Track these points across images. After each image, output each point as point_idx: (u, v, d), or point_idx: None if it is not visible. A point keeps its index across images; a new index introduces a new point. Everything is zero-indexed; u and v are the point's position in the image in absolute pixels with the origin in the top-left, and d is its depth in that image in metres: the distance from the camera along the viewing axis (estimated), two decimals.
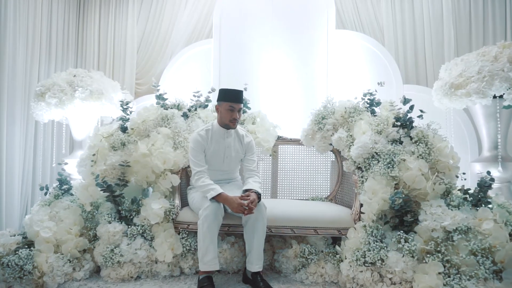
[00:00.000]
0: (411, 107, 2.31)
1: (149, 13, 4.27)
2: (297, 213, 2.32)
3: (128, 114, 2.78)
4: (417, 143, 2.19)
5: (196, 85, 3.43)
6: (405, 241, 1.95)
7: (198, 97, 2.90)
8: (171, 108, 2.85)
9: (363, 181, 2.24)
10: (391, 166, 2.13)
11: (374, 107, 2.59)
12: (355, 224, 2.22)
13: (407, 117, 2.30)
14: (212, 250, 2.09)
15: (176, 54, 3.98)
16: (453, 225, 1.88)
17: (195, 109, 2.85)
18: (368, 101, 2.61)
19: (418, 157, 2.13)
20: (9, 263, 2.13)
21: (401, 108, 2.37)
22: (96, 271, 2.40)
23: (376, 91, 2.62)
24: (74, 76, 3.20)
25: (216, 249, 2.12)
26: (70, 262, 2.27)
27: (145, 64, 4.25)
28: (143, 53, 4.27)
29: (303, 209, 2.38)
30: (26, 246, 2.28)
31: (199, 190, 2.30)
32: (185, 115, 2.81)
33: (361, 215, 2.19)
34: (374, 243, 2.01)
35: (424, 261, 1.88)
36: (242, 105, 2.37)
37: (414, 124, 2.31)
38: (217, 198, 2.16)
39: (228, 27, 3.74)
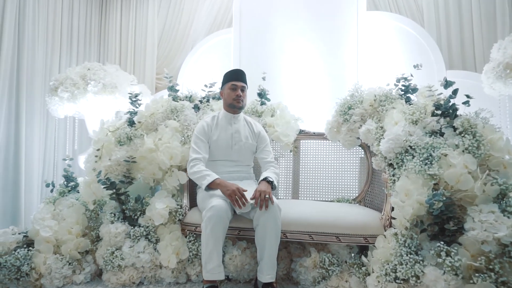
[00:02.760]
0: (455, 91, 1.91)
1: (169, 5, 4.14)
2: (316, 217, 2.01)
3: (137, 107, 2.61)
4: (462, 135, 1.80)
5: (215, 77, 3.20)
6: (447, 255, 1.57)
7: (211, 86, 2.66)
8: (182, 100, 2.64)
9: (394, 180, 1.88)
10: (429, 162, 1.76)
11: (409, 94, 2.21)
12: (385, 231, 1.88)
13: (450, 103, 1.91)
14: (216, 256, 1.84)
15: (194, 45, 3.79)
16: (510, 236, 1.49)
17: (207, 101, 2.62)
18: (403, 87, 2.24)
19: (463, 151, 1.74)
20: (5, 264, 2.01)
21: (441, 93, 1.98)
22: (99, 274, 2.24)
23: (411, 75, 2.24)
24: (88, 69, 3.09)
25: (220, 255, 1.86)
26: (69, 264, 2.13)
27: (165, 58, 4.11)
28: (164, 47, 4.14)
29: (324, 212, 2.06)
30: (25, 246, 2.16)
31: (192, 178, 2.12)
32: (196, 107, 2.59)
33: (392, 220, 1.84)
34: (407, 255, 1.66)
35: (471, 281, 1.49)
36: (244, 84, 2.25)
37: (458, 113, 1.91)
38: (212, 186, 1.98)
39: (248, 13, 3.47)
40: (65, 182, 2.51)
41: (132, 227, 2.21)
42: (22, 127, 3.25)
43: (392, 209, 1.84)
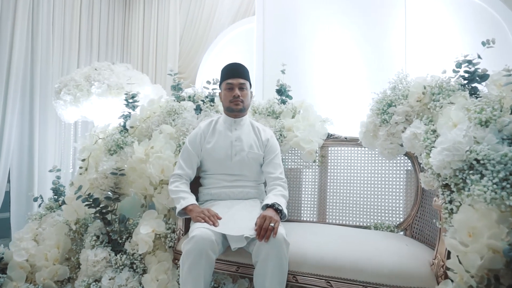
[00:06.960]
0: None
1: (190, 1, 3.82)
2: (338, 255, 1.46)
3: (133, 109, 2.25)
4: None
5: None
6: None
7: (215, 83, 2.21)
8: (184, 100, 2.23)
9: (452, 209, 1.27)
10: (508, 186, 1.13)
11: (475, 84, 1.57)
12: (438, 284, 1.28)
13: None
14: None
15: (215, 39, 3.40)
16: None
17: (211, 100, 2.18)
18: (466, 75, 1.60)
19: None
20: None
21: None
22: None
23: (479, 57, 1.59)
24: (95, 69, 2.83)
25: None
26: None
27: (186, 56, 3.79)
28: (185, 45, 3.83)
29: (351, 246, 1.50)
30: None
31: (171, 196, 1.75)
32: (198, 108, 2.16)
33: (449, 272, 1.23)
34: None
35: None
36: (243, 81, 1.78)
37: None
38: (185, 210, 1.62)
39: None
40: (55, 196, 2.22)
41: (116, 254, 1.84)
42: (35, 133, 3.10)
43: (449, 253, 1.24)
